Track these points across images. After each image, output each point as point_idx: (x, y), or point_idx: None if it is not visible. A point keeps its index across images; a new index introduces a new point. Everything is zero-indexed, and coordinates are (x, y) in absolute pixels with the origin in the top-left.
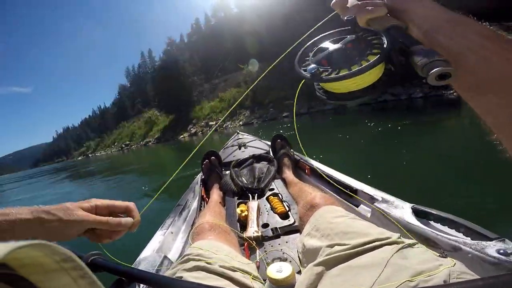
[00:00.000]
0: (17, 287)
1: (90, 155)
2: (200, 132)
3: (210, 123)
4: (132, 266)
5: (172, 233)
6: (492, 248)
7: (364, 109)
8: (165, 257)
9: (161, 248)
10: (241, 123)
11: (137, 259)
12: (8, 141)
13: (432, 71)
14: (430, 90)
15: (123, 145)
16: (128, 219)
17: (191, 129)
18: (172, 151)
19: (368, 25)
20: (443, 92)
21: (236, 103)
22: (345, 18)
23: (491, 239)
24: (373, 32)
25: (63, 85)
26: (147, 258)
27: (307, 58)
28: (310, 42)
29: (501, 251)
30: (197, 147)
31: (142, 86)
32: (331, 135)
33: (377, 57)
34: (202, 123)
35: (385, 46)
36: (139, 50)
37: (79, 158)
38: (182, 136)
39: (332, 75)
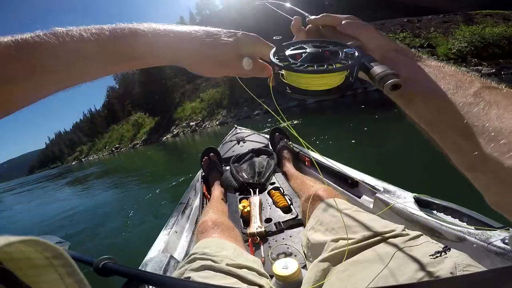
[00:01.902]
0: (3, 280)
1: (83, 160)
2: (182, 133)
3: (191, 123)
4: (140, 267)
5: (176, 232)
6: (497, 237)
7: (327, 104)
8: (172, 256)
9: (167, 248)
10: (217, 122)
11: (144, 260)
12: (0, 150)
13: (388, 82)
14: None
15: (114, 148)
16: None
17: (174, 130)
18: (160, 152)
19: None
20: None
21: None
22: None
23: (495, 229)
24: (348, 47)
25: None
26: (154, 258)
27: (284, 51)
28: (294, 41)
29: (506, 240)
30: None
31: (130, 88)
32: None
33: (343, 65)
34: (183, 124)
35: (354, 57)
36: None
37: (73, 163)
38: (165, 137)
39: (300, 68)
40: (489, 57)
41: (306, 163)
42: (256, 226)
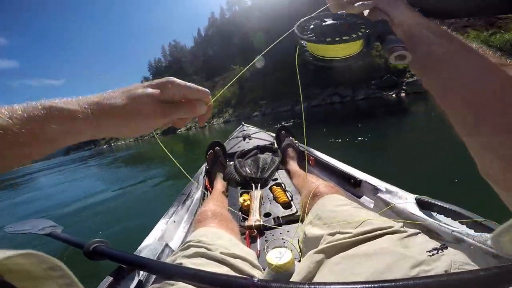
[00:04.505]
0: None
1: (112, 144)
2: (194, 127)
3: None
4: (134, 254)
5: (174, 221)
6: None
7: (318, 110)
8: (167, 245)
9: (163, 237)
10: (221, 120)
11: (139, 248)
12: None
13: (394, 53)
14: (373, 91)
15: (139, 136)
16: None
17: (187, 124)
18: (177, 143)
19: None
20: (384, 93)
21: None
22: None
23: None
24: (367, 20)
25: (92, 77)
26: (149, 246)
27: (307, 26)
28: (316, 13)
29: None
30: None
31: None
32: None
33: (359, 34)
34: (196, 119)
35: (368, 28)
36: (160, 44)
37: (105, 147)
38: (179, 130)
39: (320, 39)
40: None
41: (311, 162)
42: (254, 219)
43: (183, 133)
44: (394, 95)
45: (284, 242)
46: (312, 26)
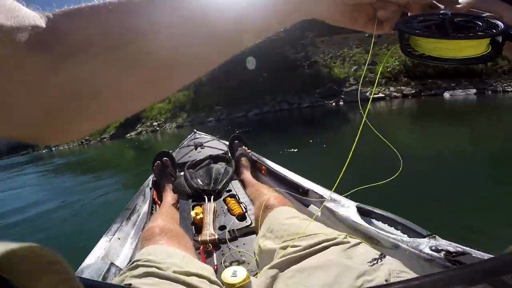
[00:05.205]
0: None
1: (53, 149)
2: (145, 131)
3: (154, 123)
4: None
5: (119, 238)
6: (425, 245)
7: (268, 117)
8: (112, 263)
9: (107, 255)
10: (174, 125)
11: (80, 267)
12: None
13: None
14: (317, 99)
15: (83, 140)
16: None
17: (139, 128)
18: (125, 149)
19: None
20: (326, 102)
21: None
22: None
23: (424, 236)
24: (488, 18)
25: None
26: (91, 265)
27: (411, 22)
28: (422, 13)
29: (433, 247)
30: None
31: None
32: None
33: (492, 32)
34: (148, 123)
35: (499, 28)
36: None
37: (44, 151)
38: (129, 134)
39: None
40: (418, 77)
41: (263, 171)
42: (208, 233)
43: (134, 138)
44: (334, 104)
45: (241, 256)
46: (419, 24)
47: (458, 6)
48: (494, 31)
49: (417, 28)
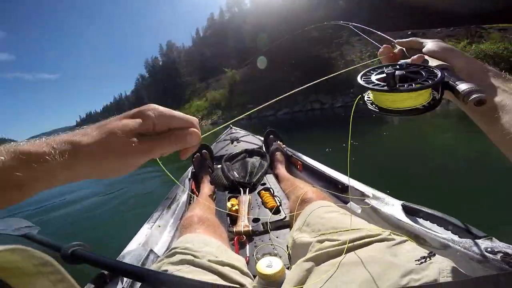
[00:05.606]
0: None
1: None
2: None
3: None
4: (117, 259)
5: (159, 226)
6: (479, 246)
7: (299, 116)
8: (151, 251)
9: (147, 242)
10: (209, 121)
11: (121, 253)
12: (35, 123)
13: (472, 97)
14: (351, 99)
15: None
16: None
17: None
18: None
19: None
20: (360, 102)
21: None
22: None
23: (479, 237)
24: (431, 69)
25: (88, 72)
26: (132, 252)
27: (369, 75)
28: (378, 66)
29: (489, 249)
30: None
31: (158, 79)
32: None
33: (428, 84)
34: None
35: (437, 78)
36: (158, 42)
37: None
38: None
39: (392, 88)
40: None
41: (298, 166)
42: (243, 224)
43: None
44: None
45: (273, 248)
46: (378, 76)
47: (414, 56)
48: (430, 81)
49: (375, 80)
